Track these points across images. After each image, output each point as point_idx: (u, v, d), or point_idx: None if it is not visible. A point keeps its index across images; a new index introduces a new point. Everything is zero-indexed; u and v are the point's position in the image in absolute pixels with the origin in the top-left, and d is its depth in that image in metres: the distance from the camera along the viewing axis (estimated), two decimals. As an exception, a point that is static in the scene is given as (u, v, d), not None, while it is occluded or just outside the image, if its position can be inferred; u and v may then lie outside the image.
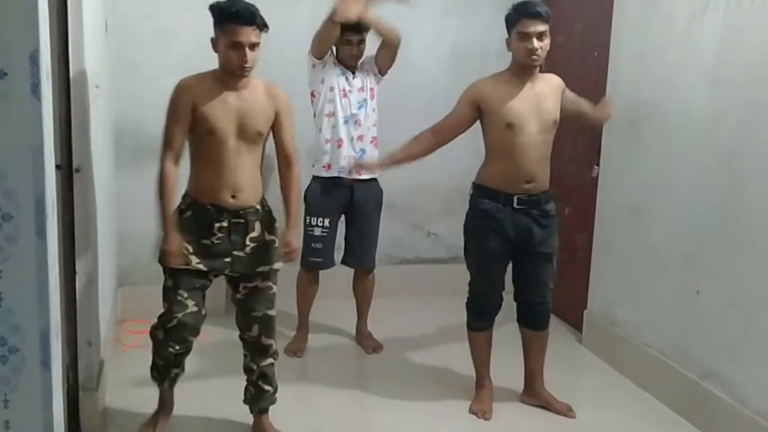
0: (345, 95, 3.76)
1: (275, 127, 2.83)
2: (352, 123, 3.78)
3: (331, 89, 3.76)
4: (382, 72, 3.89)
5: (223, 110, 2.68)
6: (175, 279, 2.74)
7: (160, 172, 2.71)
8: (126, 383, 3.32)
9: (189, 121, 2.68)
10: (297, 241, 2.87)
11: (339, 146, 3.77)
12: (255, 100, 2.74)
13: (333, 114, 3.77)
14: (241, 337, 2.89)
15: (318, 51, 3.68)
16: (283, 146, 2.88)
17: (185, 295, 2.73)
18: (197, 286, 2.77)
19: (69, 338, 2.77)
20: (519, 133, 3.05)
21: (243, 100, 2.72)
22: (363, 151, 3.80)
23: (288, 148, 2.88)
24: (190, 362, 2.94)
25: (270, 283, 2.85)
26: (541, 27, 2.99)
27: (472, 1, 4.57)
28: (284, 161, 2.90)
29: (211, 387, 3.38)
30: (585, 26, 3.99)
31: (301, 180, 3.11)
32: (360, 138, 3.80)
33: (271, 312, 2.86)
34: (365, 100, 3.82)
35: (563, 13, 4.35)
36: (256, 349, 2.87)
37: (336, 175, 3.77)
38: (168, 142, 2.72)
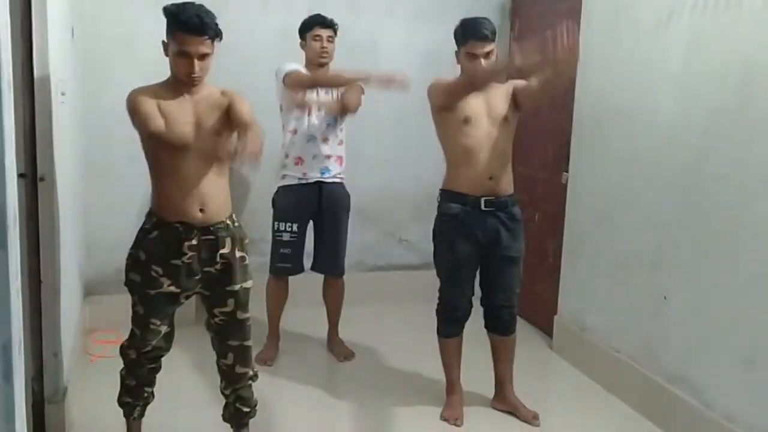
0: (310, 112, 3.73)
1: (229, 113, 2.52)
2: (316, 141, 3.74)
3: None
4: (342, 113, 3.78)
5: (180, 115, 2.51)
6: (147, 306, 2.62)
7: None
8: (93, 395, 3.27)
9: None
10: (254, 142, 2.30)
11: (297, 164, 3.76)
12: (210, 102, 2.56)
13: (296, 131, 3.75)
14: (217, 363, 2.78)
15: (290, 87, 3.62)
16: (239, 117, 2.48)
17: (158, 323, 2.65)
18: (170, 312, 2.70)
19: (34, 350, 2.72)
20: (474, 126, 3.13)
21: (199, 103, 2.55)
22: (327, 169, 3.79)
23: (244, 116, 2.47)
24: (161, 378, 2.86)
25: (247, 315, 2.70)
26: (488, 47, 3.09)
27: (443, 7, 4.58)
28: (243, 130, 2.42)
29: (185, 401, 3.35)
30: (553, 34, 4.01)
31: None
32: (327, 157, 3.78)
33: (248, 343, 2.74)
34: (335, 117, 3.77)
35: (532, 22, 4.39)
36: (229, 377, 2.76)
37: (296, 182, 3.76)
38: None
